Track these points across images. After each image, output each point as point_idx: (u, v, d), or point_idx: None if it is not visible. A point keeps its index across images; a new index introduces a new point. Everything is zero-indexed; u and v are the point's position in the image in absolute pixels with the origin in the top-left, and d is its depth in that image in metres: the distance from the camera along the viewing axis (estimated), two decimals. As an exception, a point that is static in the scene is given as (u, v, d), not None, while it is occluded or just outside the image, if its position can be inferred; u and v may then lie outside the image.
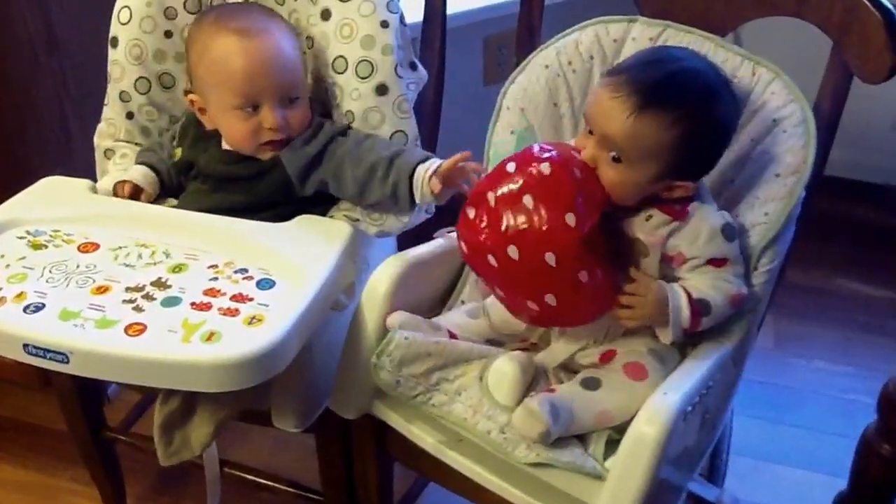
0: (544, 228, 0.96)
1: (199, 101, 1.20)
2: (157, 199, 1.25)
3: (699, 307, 1.01)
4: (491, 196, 0.99)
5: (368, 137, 1.17)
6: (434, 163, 1.11)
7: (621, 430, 0.98)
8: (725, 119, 1.02)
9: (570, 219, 0.96)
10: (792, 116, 1.07)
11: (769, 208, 1.05)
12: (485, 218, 0.99)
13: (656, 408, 0.94)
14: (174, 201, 1.24)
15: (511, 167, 1.01)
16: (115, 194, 1.21)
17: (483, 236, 1.00)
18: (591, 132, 1.02)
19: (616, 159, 1.00)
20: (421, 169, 1.11)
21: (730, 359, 1.07)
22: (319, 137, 1.17)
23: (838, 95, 1.11)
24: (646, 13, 1.18)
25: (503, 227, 0.98)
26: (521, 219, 0.97)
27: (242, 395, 1.08)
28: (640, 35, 1.16)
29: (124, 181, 1.21)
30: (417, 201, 1.11)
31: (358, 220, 1.18)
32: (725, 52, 1.13)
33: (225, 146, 1.21)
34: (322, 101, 1.25)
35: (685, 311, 1.00)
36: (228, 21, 1.16)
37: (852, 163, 2.03)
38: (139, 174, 1.23)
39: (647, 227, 1.03)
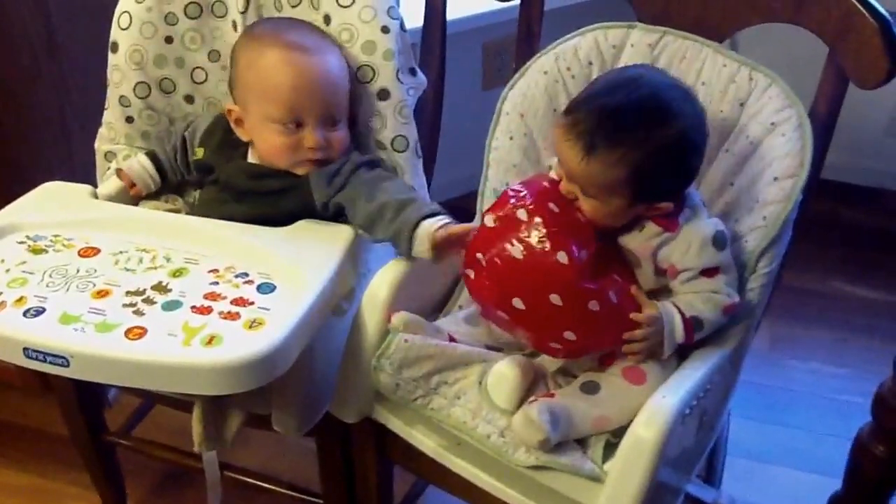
0: (540, 274, 0.98)
1: (237, 111, 1.19)
2: (158, 193, 1.26)
3: (692, 324, 1.03)
4: (481, 257, 1.01)
5: (389, 179, 1.17)
6: (440, 220, 1.08)
7: (619, 432, 0.98)
8: (683, 136, 1.01)
9: (563, 257, 0.98)
10: (789, 121, 1.08)
11: (767, 212, 1.06)
12: (484, 278, 1.01)
13: (655, 410, 0.94)
14: (178, 199, 1.25)
15: (490, 221, 1.02)
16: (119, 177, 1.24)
17: (487, 294, 1.01)
18: None
19: (586, 193, 1.02)
20: (425, 224, 1.08)
21: (727, 361, 1.08)
22: (346, 167, 1.16)
23: (834, 100, 1.12)
24: (644, 19, 1.19)
25: (501, 283, 1.00)
26: (515, 270, 0.99)
27: (243, 407, 1.10)
28: (638, 41, 1.17)
29: (121, 170, 1.24)
30: (413, 255, 1.10)
31: None
32: (723, 57, 1.13)
33: (251, 159, 1.21)
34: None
35: (679, 330, 1.02)
36: (285, 34, 1.15)
37: (846, 166, 2.04)
38: (138, 166, 1.24)
39: (638, 238, 1.04)
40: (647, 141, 0.99)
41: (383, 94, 1.18)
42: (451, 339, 1.10)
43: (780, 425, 1.69)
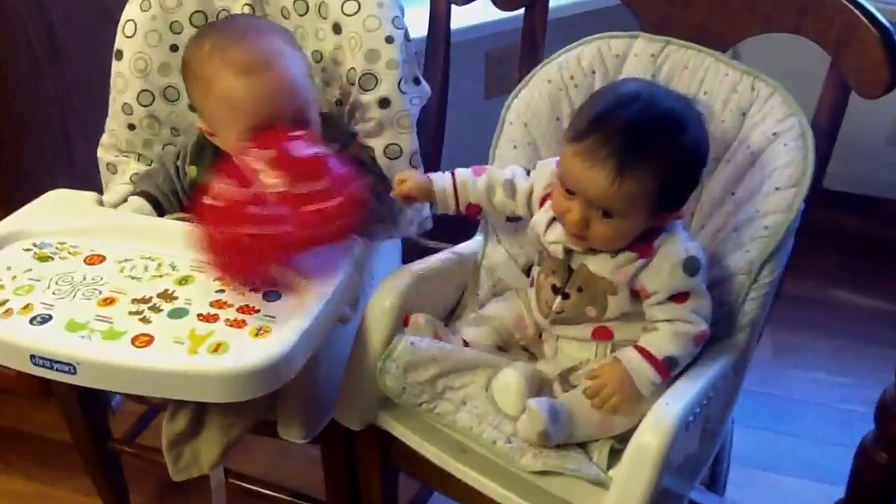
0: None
1: (206, 128, 1.18)
2: None
3: (666, 364, 1.03)
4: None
5: None
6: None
7: (624, 439, 0.99)
8: (697, 142, 1.02)
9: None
10: (791, 130, 1.08)
11: (769, 221, 1.06)
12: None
13: (659, 417, 0.95)
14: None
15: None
16: None
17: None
18: (569, 191, 1.02)
19: (607, 214, 1.01)
20: None
21: (731, 369, 1.09)
22: None
23: (836, 109, 1.12)
24: (646, 28, 1.20)
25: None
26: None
27: (249, 412, 1.10)
28: (641, 51, 1.18)
29: None
30: None
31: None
32: (726, 66, 1.14)
33: None
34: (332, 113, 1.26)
35: (648, 370, 1.02)
36: (229, 53, 1.11)
37: (847, 175, 2.04)
38: (133, 210, 1.22)
39: (612, 265, 1.04)
40: (672, 151, 1.00)
41: (384, 103, 1.19)
42: (465, 345, 1.11)
43: (783, 434, 1.70)
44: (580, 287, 1.07)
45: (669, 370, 1.03)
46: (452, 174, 1.15)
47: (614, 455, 1.00)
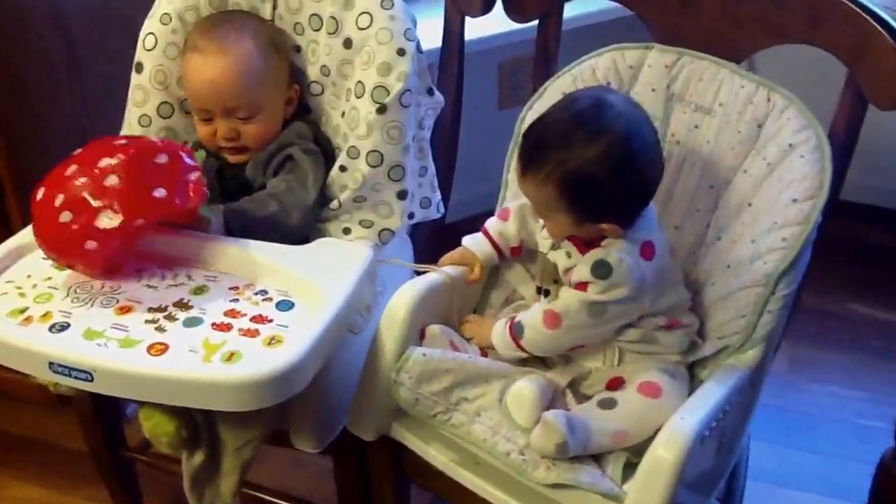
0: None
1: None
2: None
3: (514, 330, 1.10)
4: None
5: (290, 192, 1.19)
6: None
7: (639, 452, 0.99)
8: (608, 153, 1.01)
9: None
10: (807, 142, 1.08)
11: (786, 233, 1.05)
12: None
13: (674, 431, 0.95)
14: None
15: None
16: None
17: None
18: None
19: (539, 213, 1.10)
20: None
21: (747, 382, 1.08)
22: (278, 156, 1.23)
23: (853, 121, 1.12)
24: (658, 39, 1.20)
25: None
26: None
27: (258, 427, 1.11)
28: (655, 62, 1.18)
29: None
30: None
31: (350, 229, 1.21)
32: (741, 78, 1.14)
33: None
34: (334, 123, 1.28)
35: (505, 334, 1.11)
36: (199, 35, 1.23)
37: (864, 187, 2.03)
38: None
39: (564, 262, 1.10)
40: (571, 156, 1.01)
41: (381, 109, 1.18)
42: (483, 354, 1.12)
43: (801, 449, 1.68)
44: (555, 279, 1.13)
45: (515, 333, 1.10)
46: (485, 233, 1.20)
47: (629, 469, 1.00)
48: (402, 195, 1.20)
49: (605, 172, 1.01)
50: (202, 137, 1.26)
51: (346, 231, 1.21)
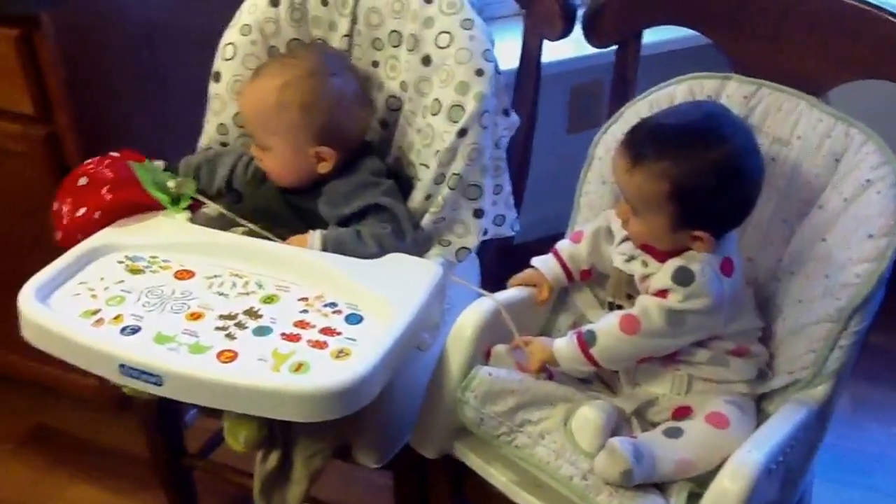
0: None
1: None
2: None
3: (584, 338, 1.07)
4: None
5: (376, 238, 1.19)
6: None
7: (703, 483, 0.98)
8: (727, 162, 1.02)
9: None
10: (885, 179, 1.06)
11: (860, 269, 1.04)
12: None
13: (740, 464, 0.94)
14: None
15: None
16: None
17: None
18: None
19: (635, 212, 1.06)
20: None
21: (814, 417, 1.06)
22: (355, 202, 1.21)
23: (932, 158, 1.10)
24: (738, 70, 1.19)
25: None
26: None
27: (329, 438, 1.13)
28: (734, 92, 1.17)
29: None
30: None
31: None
32: (819, 111, 1.12)
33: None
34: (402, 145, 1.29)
35: (572, 344, 1.07)
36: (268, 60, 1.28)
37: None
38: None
39: (641, 270, 1.09)
40: (691, 158, 1.01)
41: (462, 133, 1.19)
42: (549, 376, 1.11)
43: (862, 488, 1.64)
44: (629, 294, 1.10)
45: (587, 344, 1.06)
46: (556, 254, 1.20)
47: (693, 499, 0.99)
48: (478, 214, 1.21)
49: (719, 182, 1.02)
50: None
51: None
